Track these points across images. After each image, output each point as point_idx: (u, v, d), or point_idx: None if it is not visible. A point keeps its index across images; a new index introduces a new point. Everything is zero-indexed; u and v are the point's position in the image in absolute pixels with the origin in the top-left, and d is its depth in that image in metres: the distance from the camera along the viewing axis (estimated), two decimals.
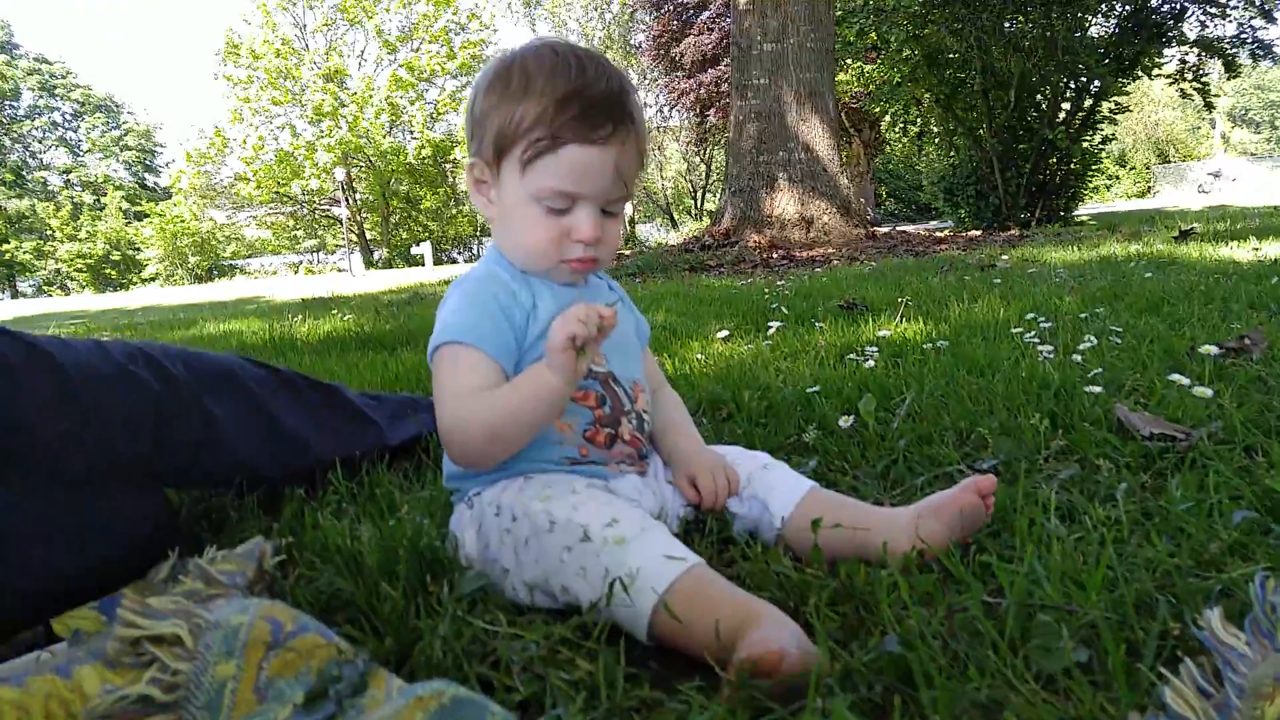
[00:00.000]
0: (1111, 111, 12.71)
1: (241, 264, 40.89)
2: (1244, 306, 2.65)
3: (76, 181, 46.31)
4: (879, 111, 15.99)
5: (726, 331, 3.17)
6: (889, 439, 1.59)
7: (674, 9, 25.87)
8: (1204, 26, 12.74)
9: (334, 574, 1.11)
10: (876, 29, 12.30)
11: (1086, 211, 16.37)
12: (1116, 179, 42.50)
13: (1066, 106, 12.49)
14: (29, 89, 46.25)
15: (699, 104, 25.46)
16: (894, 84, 13.33)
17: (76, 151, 47.96)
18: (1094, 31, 12.52)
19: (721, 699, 0.78)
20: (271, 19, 33.75)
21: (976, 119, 12.43)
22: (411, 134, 34.10)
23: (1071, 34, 11.75)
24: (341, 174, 31.16)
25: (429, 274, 16.27)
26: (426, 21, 34.25)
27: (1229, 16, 12.57)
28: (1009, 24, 12.00)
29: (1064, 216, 12.58)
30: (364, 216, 37.00)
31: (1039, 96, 12.37)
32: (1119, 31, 12.31)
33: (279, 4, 34.14)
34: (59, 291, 40.91)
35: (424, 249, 24.84)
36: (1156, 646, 0.81)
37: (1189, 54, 12.90)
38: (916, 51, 12.44)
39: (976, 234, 10.22)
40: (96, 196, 44.78)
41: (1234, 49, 12.86)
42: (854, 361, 2.32)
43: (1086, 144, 12.55)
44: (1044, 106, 12.39)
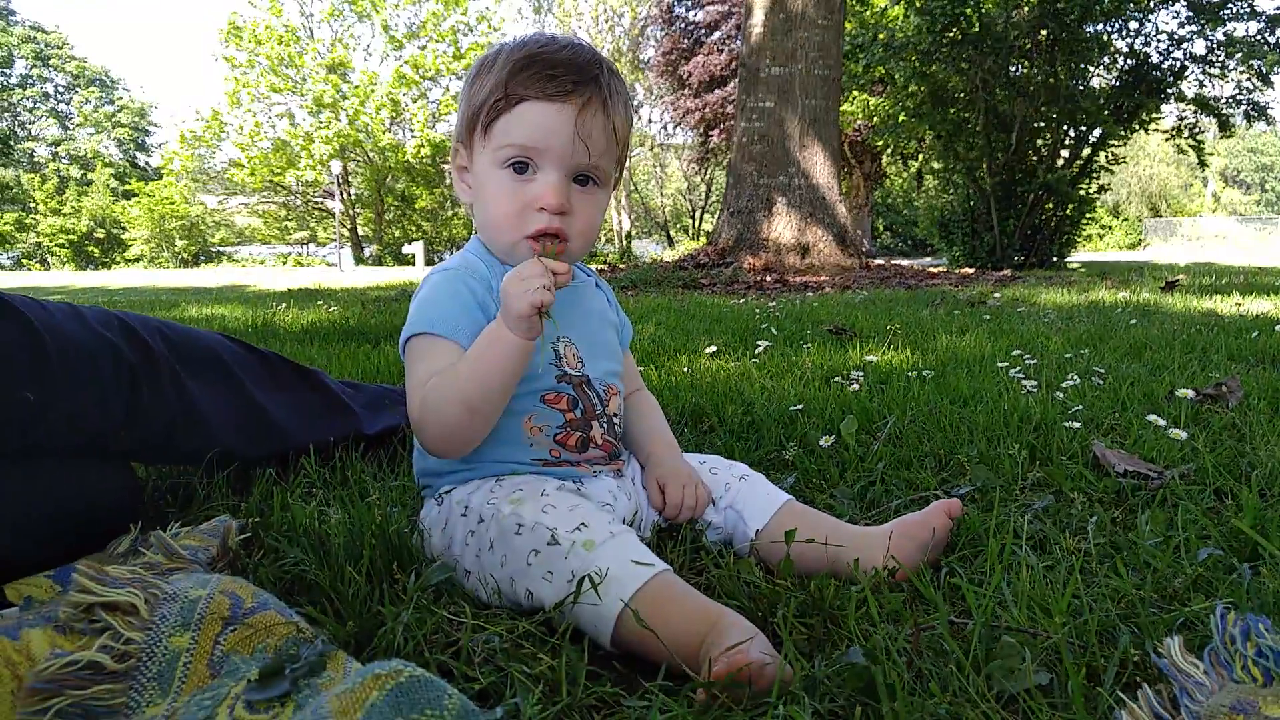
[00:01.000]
0: (1108, 161, 12.84)
1: (230, 251, 40.64)
2: (1224, 357, 2.67)
3: (65, 155, 45.80)
4: (881, 145, 16.11)
5: (715, 347, 3.17)
6: (868, 460, 1.60)
7: (685, 27, 26.06)
8: (1202, 85, 12.93)
9: (299, 555, 1.10)
10: (884, 64, 12.41)
11: (1079, 259, 16.53)
12: (1109, 229, 42.99)
13: (1065, 153, 12.63)
14: (22, 57, 45.65)
15: (703, 123, 25.60)
16: (898, 119, 13.44)
17: (67, 125, 47.44)
18: (1095, 82, 12.67)
19: (698, 700, 0.77)
20: (278, 4, 33.68)
21: (977, 158, 12.53)
22: (411, 132, 34.08)
23: (1074, 82, 11.90)
24: (338, 167, 31.06)
25: (419, 273, 16.23)
26: (435, 20, 34.33)
27: (1227, 77, 12.76)
28: (1014, 68, 12.14)
29: (1056, 262, 12.70)
30: (357, 212, 36.92)
31: (1039, 141, 12.50)
32: (1120, 84, 12.47)
33: None
34: (38, 266, 40.42)
35: (416, 248, 24.82)
36: (1116, 673, 0.81)
37: (1186, 111, 13.08)
38: (922, 88, 12.56)
39: (969, 272, 10.29)
40: (84, 172, 44.32)
41: (1229, 109, 13.05)
42: (839, 384, 2.33)
43: (1083, 191, 12.69)
44: (1044, 151, 12.52)
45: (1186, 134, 13.06)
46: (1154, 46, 12.53)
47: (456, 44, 34.10)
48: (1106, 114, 12.06)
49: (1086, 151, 12.57)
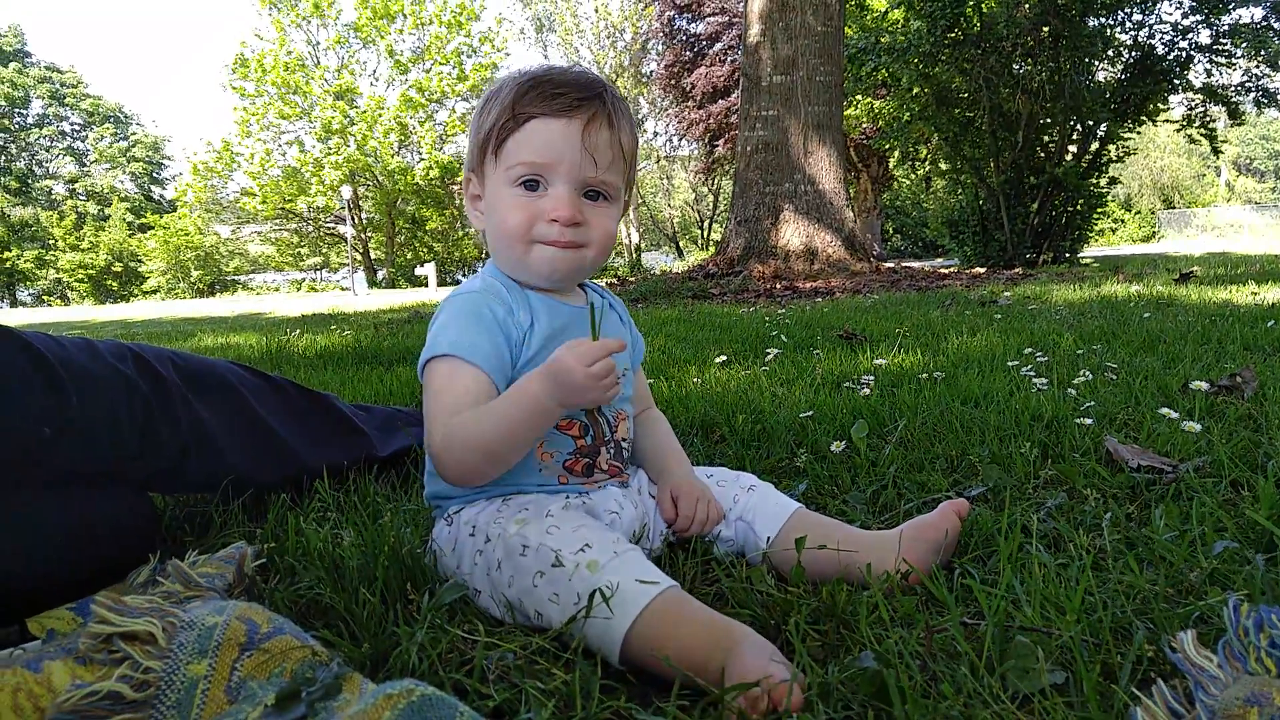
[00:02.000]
0: (1117, 155, 12.77)
1: (244, 279, 41.03)
2: (1239, 348, 2.65)
3: (82, 191, 46.45)
4: (887, 148, 16.09)
5: (725, 357, 3.17)
6: (880, 465, 1.59)
7: (686, 40, 26.16)
8: (1210, 74, 12.84)
9: (314, 578, 1.10)
10: (887, 67, 12.40)
11: (1091, 254, 16.43)
12: (1121, 223, 42.67)
13: (1073, 149, 12.57)
14: (39, 97, 46.44)
15: (708, 134, 25.66)
16: (903, 121, 13.43)
17: (83, 161, 48.11)
18: (1101, 76, 12.61)
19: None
20: (285, 35, 34.06)
21: (984, 158, 12.50)
22: (419, 155, 34.32)
23: (1079, 78, 11.85)
24: (348, 192, 31.31)
25: (432, 295, 16.32)
26: (439, 43, 34.59)
27: (1235, 65, 12.68)
28: (1018, 66, 12.10)
29: (1069, 258, 12.62)
30: (369, 236, 37.14)
31: (1046, 137, 12.45)
32: (1126, 77, 12.41)
33: (293, 21, 34.51)
34: (58, 301, 40.98)
35: (428, 270, 24.94)
36: (1131, 669, 0.80)
37: (1195, 101, 12.99)
38: (926, 90, 12.55)
39: (980, 271, 10.25)
40: (101, 207, 44.94)
41: (1239, 97, 12.96)
42: (850, 389, 2.32)
43: (1093, 186, 12.61)
44: (1051, 148, 12.47)
45: (1197, 124, 12.97)
46: (1158, 38, 12.46)
47: (461, 66, 34.34)
48: (1111, 109, 12.00)
49: (1095, 146, 12.50)
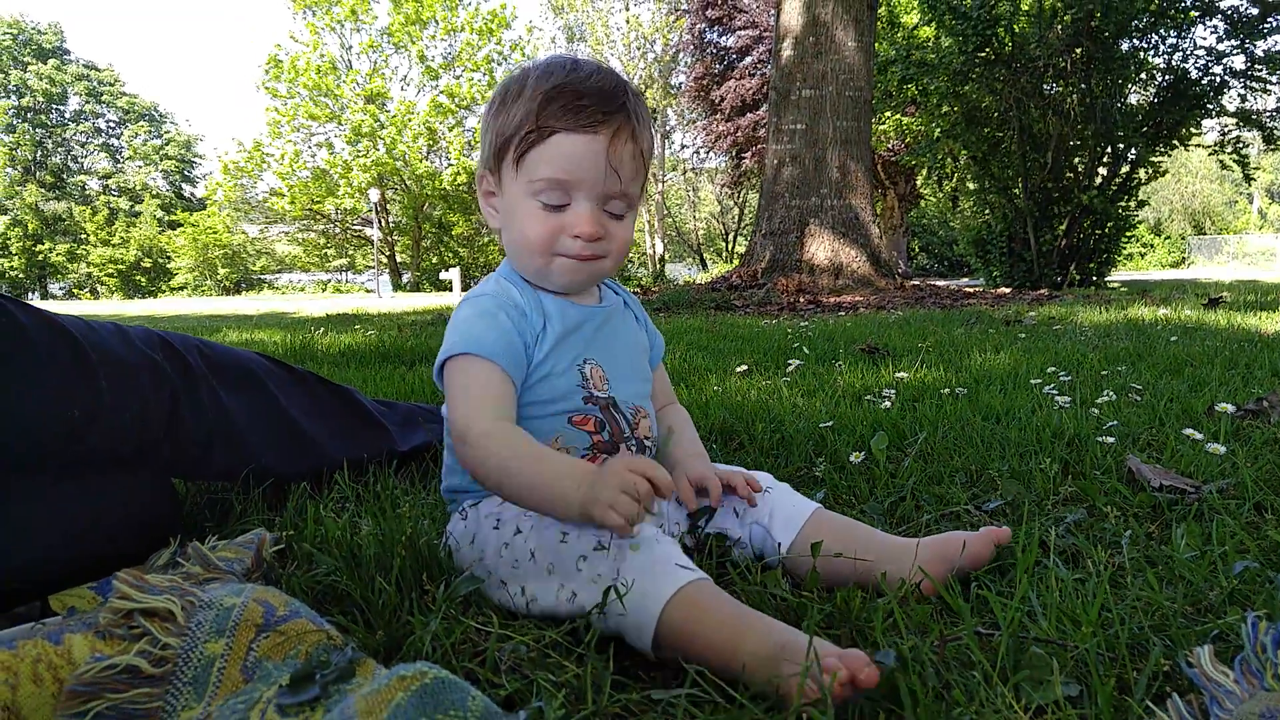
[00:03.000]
0: (1147, 178, 12.65)
1: (270, 279, 41.47)
2: (1267, 374, 2.61)
3: (115, 188, 47.17)
4: (915, 165, 16.04)
5: (745, 367, 3.17)
6: (899, 476, 1.59)
7: (716, 52, 26.21)
8: (1244, 99, 12.71)
9: (331, 566, 1.12)
10: (918, 80, 12.36)
11: (1119, 278, 16.27)
12: (1150, 247, 42.19)
13: (1103, 171, 12.46)
14: (76, 94, 47.17)
15: (735, 147, 25.66)
16: (932, 138, 13.38)
17: (117, 158, 48.87)
18: (1133, 99, 12.51)
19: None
20: (319, 38, 34.46)
21: (1012, 178, 12.42)
22: (448, 160, 34.56)
23: (1110, 100, 11.76)
24: (376, 195, 31.55)
25: (456, 299, 16.39)
26: (470, 50, 34.86)
27: (1270, 91, 12.54)
28: (1049, 87, 12.03)
29: (1096, 280, 12.50)
30: (395, 239, 37.40)
31: (1076, 159, 12.36)
32: (1158, 100, 12.30)
33: (327, 24, 34.92)
34: (88, 295, 41.60)
35: (453, 274, 25.05)
36: (1147, 684, 0.79)
37: (1229, 125, 12.85)
38: (955, 108, 12.50)
39: (1006, 291, 10.18)
40: (133, 203, 45.63)
41: (1273, 121, 12.80)
42: (871, 402, 2.31)
43: (1122, 209, 12.49)
44: (1080, 169, 12.37)
45: (1230, 149, 12.82)
46: (1192, 62, 12.34)
47: (491, 73, 34.59)
48: (1143, 132, 11.89)
49: (1125, 169, 12.40)
